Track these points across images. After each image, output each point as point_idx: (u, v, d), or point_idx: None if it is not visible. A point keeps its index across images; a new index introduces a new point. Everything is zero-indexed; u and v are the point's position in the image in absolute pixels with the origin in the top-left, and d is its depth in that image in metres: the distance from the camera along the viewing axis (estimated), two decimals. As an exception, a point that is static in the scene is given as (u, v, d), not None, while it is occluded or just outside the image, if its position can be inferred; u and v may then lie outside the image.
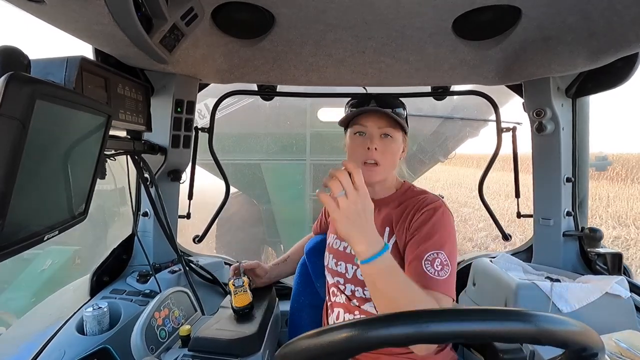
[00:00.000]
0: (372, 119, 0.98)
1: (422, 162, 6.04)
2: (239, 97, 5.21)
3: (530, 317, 0.36)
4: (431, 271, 0.82)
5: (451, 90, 1.57)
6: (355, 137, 1.01)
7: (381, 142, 0.97)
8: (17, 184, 0.51)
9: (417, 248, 0.87)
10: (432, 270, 0.82)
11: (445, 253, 0.85)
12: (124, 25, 0.76)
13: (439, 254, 0.85)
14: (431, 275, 0.82)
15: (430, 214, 0.91)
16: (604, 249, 1.35)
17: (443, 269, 0.83)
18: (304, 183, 5.71)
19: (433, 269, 0.83)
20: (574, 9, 0.91)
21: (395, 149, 0.99)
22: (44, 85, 0.55)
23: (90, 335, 0.99)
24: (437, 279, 0.82)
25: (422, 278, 0.82)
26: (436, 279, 0.82)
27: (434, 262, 0.83)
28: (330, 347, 0.39)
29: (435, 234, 0.88)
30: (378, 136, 0.97)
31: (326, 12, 0.94)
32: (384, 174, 0.99)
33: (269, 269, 1.27)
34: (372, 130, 0.97)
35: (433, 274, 0.82)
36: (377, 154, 0.96)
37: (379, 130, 0.97)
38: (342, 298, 1.03)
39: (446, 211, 0.93)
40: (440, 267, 0.83)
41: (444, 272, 0.83)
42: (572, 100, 1.37)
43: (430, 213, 0.91)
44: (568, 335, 0.38)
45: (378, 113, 0.97)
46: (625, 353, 0.89)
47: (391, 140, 0.98)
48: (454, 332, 0.38)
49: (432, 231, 0.88)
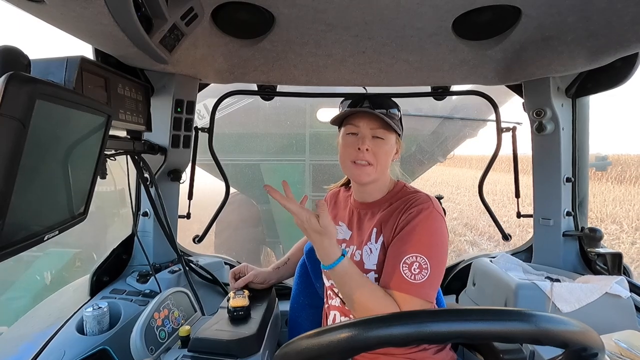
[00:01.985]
0: (365, 120, 0.97)
1: (421, 162, 6.04)
2: (237, 97, 5.23)
3: (530, 317, 0.36)
4: (407, 274, 0.83)
5: (451, 90, 1.56)
6: (347, 137, 1.00)
7: (373, 143, 0.96)
8: (17, 184, 0.51)
9: (397, 249, 0.88)
10: (408, 274, 0.83)
11: (426, 256, 0.84)
12: (124, 25, 0.76)
13: (418, 257, 0.84)
14: (405, 278, 0.83)
15: (414, 214, 0.90)
16: (604, 249, 1.35)
17: (421, 272, 0.83)
18: (303, 183, 5.71)
19: (410, 272, 0.83)
20: (574, 9, 0.91)
21: (386, 151, 0.98)
22: (44, 85, 0.55)
23: (90, 335, 0.99)
24: (411, 282, 0.82)
25: (395, 279, 0.83)
26: (409, 282, 0.82)
27: (411, 266, 0.83)
28: (330, 347, 0.40)
29: (416, 236, 0.87)
30: (370, 137, 0.96)
31: (326, 12, 0.94)
32: (374, 175, 0.98)
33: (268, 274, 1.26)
34: (364, 131, 0.97)
35: (408, 277, 0.82)
36: (368, 155, 0.95)
37: (371, 132, 0.97)
38: (337, 301, 1.03)
39: (433, 212, 0.91)
40: (418, 270, 0.83)
41: (420, 275, 0.83)
42: (572, 100, 1.37)
43: (415, 214, 0.90)
44: (568, 335, 0.38)
45: (370, 114, 0.96)
46: (625, 353, 0.89)
47: (383, 142, 0.97)
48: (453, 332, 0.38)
49: (414, 233, 0.87)
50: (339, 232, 1.08)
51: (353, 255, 0.99)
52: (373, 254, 0.95)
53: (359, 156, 0.95)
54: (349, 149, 0.98)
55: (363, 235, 1.00)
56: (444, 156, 6.07)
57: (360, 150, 0.95)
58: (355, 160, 0.96)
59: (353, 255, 0.99)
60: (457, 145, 6.03)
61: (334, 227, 0.84)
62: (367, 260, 0.95)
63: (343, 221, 1.10)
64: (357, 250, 0.99)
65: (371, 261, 0.95)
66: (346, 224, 1.08)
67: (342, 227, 1.09)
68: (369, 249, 0.96)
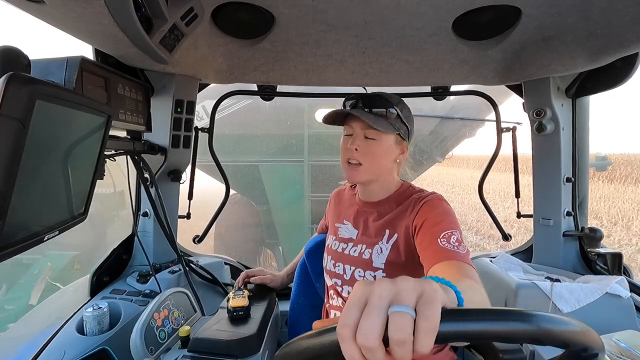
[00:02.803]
0: (356, 120, 0.97)
1: (420, 162, 6.03)
2: (237, 98, 5.22)
3: (531, 317, 0.36)
4: (449, 246, 0.80)
5: (451, 90, 1.56)
6: (345, 137, 1.01)
7: (364, 143, 0.96)
8: (17, 184, 0.51)
9: (429, 232, 0.86)
10: (449, 246, 0.80)
11: (458, 233, 0.84)
12: (124, 25, 0.76)
13: (453, 232, 0.83)
14: (450, 249, 0.79)
15: (435, 203, 0.92)
16: (604, 249, 1.35)
17: (460, 244, 0.81)
18: (302, 184, 5.70)
19: (450, 244, 0.80)
20: (574, 9, 0.91)
21: (378, 151, 0.97)
22: (44, 85, 0.55)
23: (90, 336, 0.99)
24: (459, 252, 0.79)
25: (443, 254, 0.79)
26: (457, 252, 0.79)
27: (449, 239, 0.81)
28: (330, 347, 0.39)
29: (444, 219, 0.87)
30: (362, 137, 0.96)
31: (326, 12, 0.94)
32: (367, 176, 0.98)
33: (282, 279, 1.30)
34: (357, 131, 0.97)
35: (452, 249, 0.79)
36: (358, 155, 0.96)
37: (362, 132, 0.97)
38: (339, 301, 1.03)
39: (442, 198, 0.95)
40: (457, 243, 0.81)
41: (462, 247, 0.81)
42: (572, 100, 1.37)
43: (435, 203, 0.92)
44: (568, 335, 0.38)
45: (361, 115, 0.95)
46: (625, 353, 0.89)
47: (375, 142, 0.96)
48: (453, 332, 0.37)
49: (441, 217, 0.88)
50: (344, 230, 1.09)
51: (362, 253, 0.99)
52: (382, 254, 0.96)
53: (350, 155, 0.97)
54: (344, 149, 1.00)
55: (371, 234, 1.01)
56: (442, 156, 6.06)
57: (350, 149, 0.96)
58: (348, 159, 0.98)
59: (362, 254, 0.99)
60: (455, 145, 6.01)
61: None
62: (376, 259, 0.96)
63: (348, 220, 1.10)
64: (367, 249, 0.99)
65: (380, 260, 0.96)
66: (351, 222, 1.08)
67: (347, 226, 1.09)
68: (379, 249, 0.97)
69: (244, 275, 1.25)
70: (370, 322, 0.34)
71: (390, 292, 0.36)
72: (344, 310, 0.36)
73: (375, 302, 0.35)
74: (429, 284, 0.37)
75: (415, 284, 0.37)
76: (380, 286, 0.36)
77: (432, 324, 0.33)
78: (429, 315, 0.33)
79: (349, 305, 0.36)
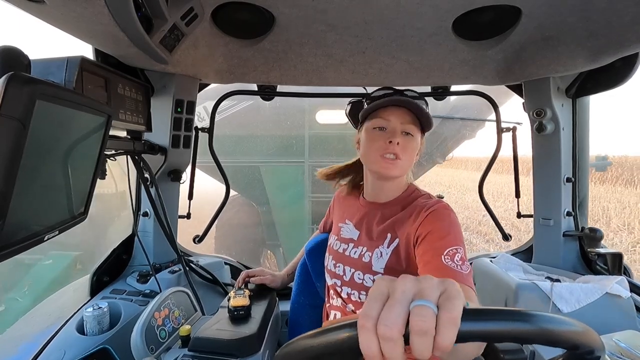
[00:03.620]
0: (396, 114, 0.92)
1: (420, 164, 6.02)
2: (237, 99, 5.22)
3: (531, 317, 0.36)
4: (452, 265, 0.77)
5: (451, 90, 1.56)
6: (374, 131, 0.95)
7: (403, 139, 0.92)
8: (17, 184, 0.51)
9: (432, 247, 0.83)
10: (453, 265, 0.78)
11: (462, 250, 0.82)
12: (124, 25, 0.76)
13: (458, 249, 0.81)
14: (454, 269, 0.77)
15: (441, 214, 0.88)
16: (604, 249, 1.35)
17: (464, 263, 0.79)
18: (302, 185, 5.69)
19: (454, 263, 0.78)
20: (574, 9, 0.91)
21: (414, 147, 0.95)
22: (44, 85, 0.55)
23: (90, 335, 0.99)
24: (462, 272, 0.77)
25: (445, 272, 0.76)
26: (460, 273, 0.77)
27: (453, 257, 0.79)
28: (331, 347, 0.39)
29: (449, 233, 0.85)
30: (400, 132, 0.92)
31: (326, 12, 0.94)
32: (402, 171, 0.95)
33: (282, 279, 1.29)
34: (394, 125, 0.92)
35: (456, 268, 0.77)
36: (398, 149, 0.90)
37: (401, 126, 0.92)
38: (339, 301, 1.03)
39: (447, 207, 0.91)
40: (461, 262, 0.79)
41: (465, 267, 0.78)
42: (572, 100, 1.37)
43: (442, 214, 0.88)
44: (568, 336, 0.38)
45: (402, 108, 0.91)
46: (625, 353, 0.89)
47: (412, 139, 0.94)
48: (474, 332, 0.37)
49: (446, 231, 0.85)
50: (346, 230, 1.07)
51: (362, 256, 0.97)
52: (382, 258, 0.94)
53: (389, 149, 0.91)
54: (377, 142, 0.93)
55: (373, 236, 0.99)
56: (443, 157, 6.03)
57: (391, 143, 0.91)
58: (383, 153, 0.92)
59: (362, 256, 0.97)
60: (456, 146, 5.99)
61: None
62: (376, 263, 0.94)
63: (350, 220, 1.08)
64: (367, 252, 0.97)
65: (379, 264, 0.93)
66: (353, 223, 1.07)
67: (349, 226, 1.07)
68: (379, 252, 0.95)
69: (244, 275, 1.24)
70: (393, 313, 0.34)
71: (413, 288, 0.36)
72: (366, 303, 0.37)
73: (398, 297, 0.36)
74: (452, 284, 0.37)
75: (438, 282, 0.38)
76: (403, 282, 0.37)
77: (454, 316, 0.33)
78: (451, 309, 0.34)
79: (370, 298, 0.37)
